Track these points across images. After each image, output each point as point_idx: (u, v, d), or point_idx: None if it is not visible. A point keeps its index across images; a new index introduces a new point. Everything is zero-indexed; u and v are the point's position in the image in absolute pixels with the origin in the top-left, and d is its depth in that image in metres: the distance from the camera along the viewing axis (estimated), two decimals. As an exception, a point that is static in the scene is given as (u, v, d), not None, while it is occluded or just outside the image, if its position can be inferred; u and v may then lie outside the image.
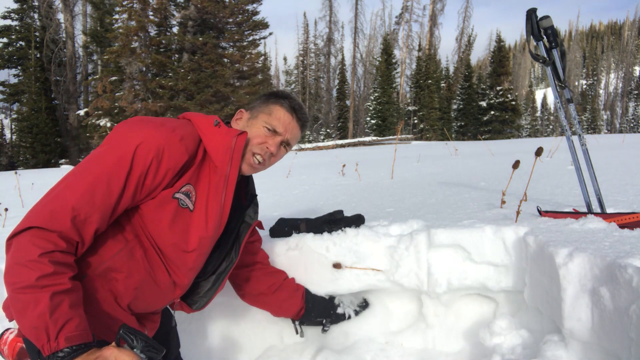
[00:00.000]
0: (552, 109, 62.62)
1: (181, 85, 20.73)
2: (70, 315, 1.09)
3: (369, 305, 2.09)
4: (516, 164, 2.07)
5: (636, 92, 67.04)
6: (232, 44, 23.16)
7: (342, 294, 2.03)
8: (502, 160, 6.38)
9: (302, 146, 25.25)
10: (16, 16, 27.59)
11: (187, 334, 2.02)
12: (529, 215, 2.05)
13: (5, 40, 27.49)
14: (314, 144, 27.36)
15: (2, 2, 28.07)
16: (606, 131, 63.36)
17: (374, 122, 36.56)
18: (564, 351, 1.44)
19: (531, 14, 1.97)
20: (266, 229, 2.21)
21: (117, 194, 1.22)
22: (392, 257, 1.92)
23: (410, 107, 40.63)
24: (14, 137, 31.05)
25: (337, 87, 46.38)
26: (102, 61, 26.11)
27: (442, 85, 43.78)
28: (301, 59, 50.04)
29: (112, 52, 21.32)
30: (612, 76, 77.74)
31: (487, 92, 37.83)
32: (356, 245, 1.95)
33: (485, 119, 37.49)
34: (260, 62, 25.20)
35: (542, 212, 2.03)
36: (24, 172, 15.46)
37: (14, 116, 29.78)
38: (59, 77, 28.08)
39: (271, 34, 24.47)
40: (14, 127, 31.09)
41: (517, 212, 1.96)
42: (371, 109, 37.37)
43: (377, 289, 2.01)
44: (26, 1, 27.45)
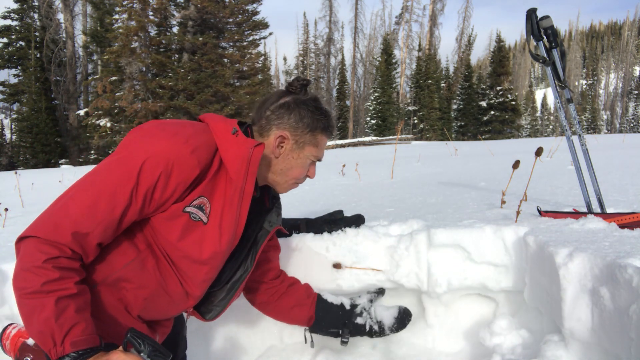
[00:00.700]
0: (552, 109, 62.61)
1: (181, 85, 20.73)
2: (76, 319, 1.09)
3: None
4: (516, 164, 2.07)
5: (636, 92, 67.04)
6: (232, 44, 23.17)
7: (362, 302, 1.89)
8: (502, 160, 6.38)
9: (302, 146, 25.19)
10: (16, 16, 27.59)
11: (187, 334, 2.02)
12: (529, 215, 2.05)
13: (5, 40, 27.51)
14: (314, 144, 27.32)
15: (2, 2, 28.09)
16: (606, 131, 63.35)
17: (374, 122, 36.56)
18: (564, 351, 1.44)
19: (531, 14, 1.97)
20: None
21: (121, 209, 1.18)
22: (392, 257, 1.92)
23: (410, 107, 40.64)
24: (14, 137, 31.07)
25: (337, 87, 46.40)
26: (102, 61, 26.10)
27: (442, 85, 43.79)
28: (301, 59, 50.05)
29: (112, 52, 21.32)
30: (612, 76, 77.75)
31: (487, 92, 37.84)
32: (356, 245, 1.95)
33: (485, 119, 37.50)
34: (260, 62, 25.19)
35: (542, 212, 2.03)
36: (24, 172, 15.47)
37: (14, 116, 29.79)
38: (59, 77, 28.09)
39: (271, 34, 24.48)
40: (14, 127, 31.11)
41: (517, 212, 1.96)
42: (371, 109, 37.37)
43: (377, 289, 2.00)
44: (26, 1, 27.45)
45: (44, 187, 8.32)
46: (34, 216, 1.20)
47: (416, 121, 39.75)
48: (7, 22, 27.39)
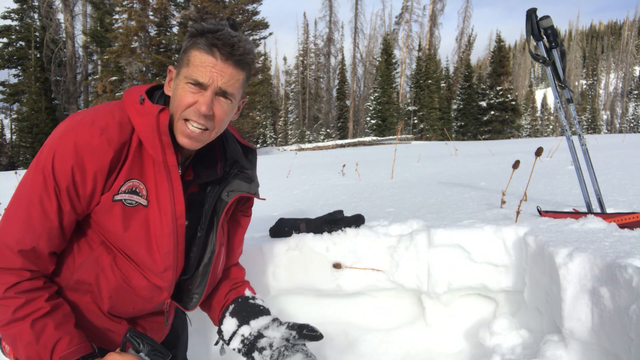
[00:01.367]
0: (552, 109, 62.63)
1: (181, 85, 20.73)
2: (57, 335, 1.09)
3: None
4: (516, 164, 2.07)
5: (636, 92, 67.06)
6: (232, 44, 23.15)
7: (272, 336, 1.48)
8: (502, 160, 6.38)
9: (302, 146, 25.26)
10: (16, 16, 27.59)
11: (188, 334, 2.02)
12: (529, 215, 2.05)
13: (5, 40, 27.50)
14: (314, 144, 27.37)
15: (2, 2, 28.08)
16: (606, 131, 63.36)
17: (374, 122, 36.58)
18: (564, 351, 1.44)
19: (531, 14, 1.97)
20: (266, 229, 2.21)
21: (55, 214, 1.13)
22: (392, 257, 1.92)
23: (410, 107, 40.66)
24: (14, 137, 31.05)
25: (337, 87, 46.43)
26: (102, 61, 26.10)
27: (442, 85, 43.81)
28: (301, 59, 50.05)
29: (112, 52, 21.34)
30: (612, 76, 77.77)
31: (487, 92, 37.84)
32: (356, 245, 1.95)
33: (485, 119, 37.50)
34: (260, 62, 25.21)
35: (542, 212, 2.03)
36: (23, 172, 15.45)
37: (14, 116, 29.78)
38: (59, 77, 28.08)
39: (271, 34, 24.50)
40: (14, 127, 31.10)
41: (517, 212, 1.96)
42: (371, 109, 37.39)
43: (377, 289, 2.01)
44: (26, 1, 27.45)
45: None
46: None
47: (416, 121, 39.76)
48: (7, 22, 27.40)
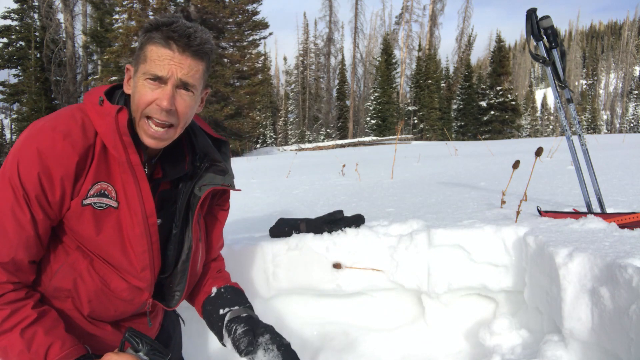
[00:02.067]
0: (552, 109, 62.64)
1: (181, 85, 20.72)
2: (49, 340, 1.08)
3: None
4: (516, 164, 2.07)
5: (636, 92, 67.07)
6: (232, 44, 23.18)
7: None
8: (502, 160, 6.38)
9: (302, 146, 25.27)
10: (16, 16, 27.59)
11: (187, 335, 2.02)
12: (529, 215, 2.05)
13: (5, 40, 27.50)
14: (314, 144, 27.38)
15: (2, 2, 28.07)
16: (606, 131, 63.37)
17: (374, 122, 36.60)
18: (564, 351, 1.44)
19: (531, 14, 1.97)
20: (266, 229, 2.21)
21: (29, 223, 1.11)
22: (392, 257, 1.92)
23: (410, 107, 40.67)
24: (14, 137, 31.05)
25: (337, 87, 46.44)
26: (102, 61, 26.12)
27: (442, 85, 43.82)
28: (301, 59, 50.08)
29: (112, 52, 21.34)
30: (612, 76, 77.81)
31: (487, 92, 37.85)
32: (356, 245, 1.95)
33: (485, 119, 37.51)
34: (260, 62, 25.24)
35: (542, 212, 2.03)
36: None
37: (14, 116, 29.78)
38: (59, 77, 28.08)
39: (271, 34, 24.53)
40: (14, 127, 31.09)
41: (517, 212, 1.96)
42: (371, 109, 37.41)
43: (377, 289, 2.01)
44: (26, 1, 27.45)
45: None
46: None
47: (416, 121, 39.77)
48: (7, 22, 27.40)
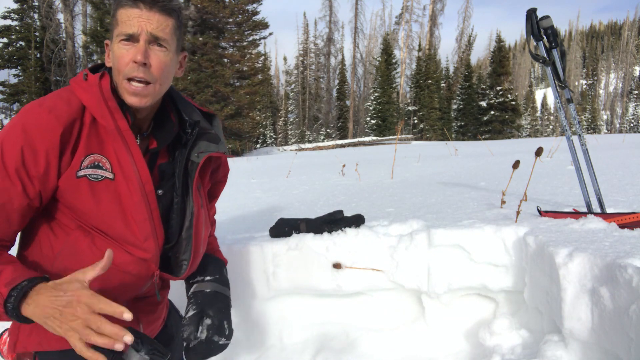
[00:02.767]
0: (552, 109, 62.65)
1: (181, 85, 20.73)
2: (0, 268, 1.06)
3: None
4: (516, 164, 2.07)
5: (636, 92, 67.09)
6: (232, 44, 23.18)
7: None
8: (502, 160, 6.38)
9: (302, 146, 25.27)
10: (16, 16, 27.59)
11: (187, 334, 2.02)
12: (529, 215, 2.05)
13: (5, 40, 27.50)
14: (314, 144, 27.38)
15: (2, 2, 28.07)
16: (606, 131, 63.39)
17: (374, 122, 36.60)
18: (564, 351, 1.44)
19: (531, 14, 1.97)
20: (266, 229, 2.21)
21: (4, 197, 1.10)
22: (392, 257, 1.92)
23: (410, 107, 40.67)
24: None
25: (337, 87, 46.45)
26: (102, 61, 26.06)
27: (442, 85, 43.82)
28: (301, 59, 50.09)
29: (112, 52, 21.32)
30: (612, 76, 77.84)
31: (487, 92, 37.85)
32: (356, 245, 1.95)
33: (485, 119, 37.51)
34: (260, 62, 25.24)
35: (542, 212, 2.03)
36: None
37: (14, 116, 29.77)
38: (59, 77, 28.08)
39: (271, 34, 24.52)
40: (14, 127, 31.08)
41: (517, 212, 1.96)
42: (371, 109, 37.41)
43: (377, 289, 2.01)
44: (26, 1, 27.45)
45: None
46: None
47: (416, 121, 39.77)
48: (7, 22, 27.40)
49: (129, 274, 1.27)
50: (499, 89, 37.16)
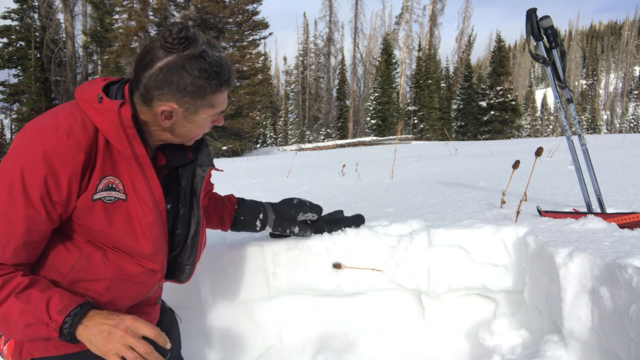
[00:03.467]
0: (552, 109, 62.62)
1: (181, 85, 20.72)
2: (46, 295, 1.09)
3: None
4: (516, 164, 2.07)
5: (636, 92, 67.09)
6: (232, 44, 23.18)
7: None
8: (502, 160, 6.38)
9: (302, 146, 25.26)
10: (16, 16, 27.61)
11: (187, 334, 2.02)
12: (529, 215, 2.05)
13: (5, 40, 27.52)
14: (314, 144, 27.38)
15: (2, 2, 28.08)
16: (606, 131, 63.39)
17: (374, 122, 36.60)
18: (564, 351, 1.44)
19: (531, 14, 1.97)
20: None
21: (23, 225, 1.10)
22: (392, 257, 1.92)
23: (410, 107, 40.66)
24: (14, 137, 31.02)
25: (337, 87, 46.45)
26: (102, 61, 26.11)
27: (442, 85, 43.82)
28: (301, 59, 50.10)
29: (112, 52, 21.35)
30: (612, 76, 77.84)
31: (487, 92, 37.84)
32: (356, 245, 1.95)
33: (485, 119, 37.51)
34: (260, 62, 25.24)
35: (542, 212, 2.03)
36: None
37: (14, 116, 29.77)
38: (59, 77, 28.09)
39: (271, 34, 24.52)
40: (14, 127, 31.09)
41: (517, 212, 1.96)
42: (371, 109, 37.41)
43: (377, 289, 2.01)
44: (26, 1, 27.46)
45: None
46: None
47: (416, 121, 39.77)
48: (7, 22, 27.41)
49: (138, 284, 1.34)
50: (499, 89, 37.16)
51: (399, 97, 43.57)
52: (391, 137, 29.86)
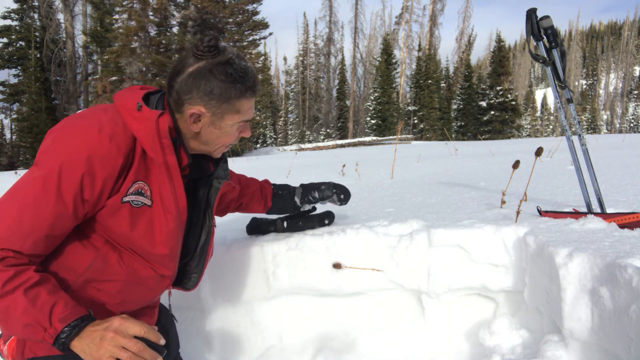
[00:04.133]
0: (552, 109, 62.63)
1: (181, 85, 20.72)
2: (53, 299, 1.09)
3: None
4: (516, 164, 2.07)
5: (636, 92, 67.10)
6: (232, 44, 23.16)
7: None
8: (502, 160, 6.38)
9: (302, 146, 25.25)
10: (16, 16, 27.59)
11: (187, 334, 2.02)
12: (529, 215, 2.05)
13: (5, 40, 27.50)
14: (314, 144, 27.38)
15: (2, 2, 28.08)
16: (606, 131, 63.40)
17: (374, 122, 36.59)
18: (564, 351, 1.44)
19: (531, 14, 1.97)
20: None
21: (50, 218, 1.12)
22: (392, 257, 1.92)
23: (410, 107, 40.65)
24: (14, 137, 31.05)
25: (337, 87, 46.43)
26: (102, 61, 26.09)
27: (442, 85, 43.81)
28: (301, 59, 50.10)
29: (112, 52, 21.33)
30: (612, 76, 77.85)
31: (487, 92, 37.82)
32: (356, 245, 1.95)
33: (485, 119, 37.49)
34: (260, 62, 25.23)
35: (542, 212, 2.03)
36: (23, 172, 15.43)
37: (14, 116, 29.76)
38: (59, 77, 28.08)
39: (271, 34, 24.51)
40: (14, 127, 31.09)
41: (517, 212, 1.96)
42: (371, 109, 37.40)
43: (377, 289, 2.01)
44: (26, 1, 27.45)
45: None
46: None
47: (416, 121, 39.76)
48: (7, 22, 27.40)
49: (149, 288, 1.38)
50: (499, 89, 37.14)
51: (399, 97, 43.56)
52: (391, 137, 29.86)
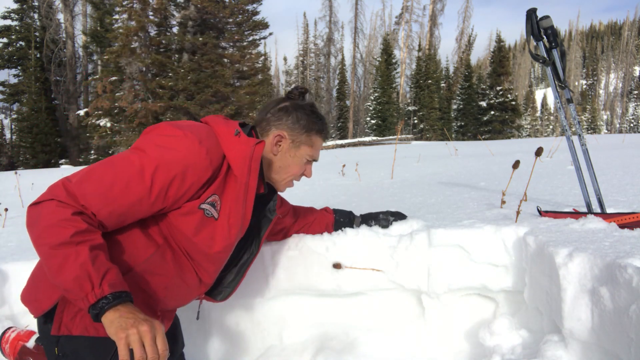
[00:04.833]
0: (552, 109, 62.64)
1: (181, 85, 20.72)
2: (109, 265, 1.14)
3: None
4: (516, 164, 2.07)
5: (636, 92, 67.10)
6: (232, 44, 23.16)
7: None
8: (502, 160, 6.38)
9: (302, 146, 25.14)
10: (16, 16, 27.61)
11: (187, 334, 2.02)
12: (529, 215, 2.05)
13: (5, 40, 27.51)
14: (314, 144, 27.29)
15: (2, 2, 28.09)
16: (606, 131, 63.40)
17: (374, 122, 36.59)
18: (564, 351, 1.44)
19: (531, 14, 1.97)
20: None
21: (133, 197, 1.24)
22: (392, 257, 1.92)
23: (410, 107, 40.65)
24: (14, 137, 31.06)
25: (337, 87, 46.45)
26: (102, 61, 26.09)
27: (442, 85, 43.80)
28: (301, 59, 50.13)
29: (112, 52, 21.31)
30: (612, 76, 77.86)
31: (487, 92, 37.82)
32: (356, 245, 1.95)
33: (485, 119, 37.49)
34: (260, 62, 25.21)
35: (542, 212, 2.03)
36: (24, 172, 15.44)
37: (14, 116, 29.77)
38: (59, 77, 28.10)
39: (271, 34, 24.49)
40: (14, 127, 31.10)
41: (517, 212, 1.96)
42: (371, 109, 37.40)
43: (377, 289, 2.01)
44: (26, 1, 27.47)
45: (44, 187, 8.25)
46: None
47: (416, 121, 39.77)
48: (7, 22, 27.40)
49: (189, 291, 1.48)
50: (499, 89, 37.13)
51: (399, 97, 43.56)
52: (391, 137, 29.85)
